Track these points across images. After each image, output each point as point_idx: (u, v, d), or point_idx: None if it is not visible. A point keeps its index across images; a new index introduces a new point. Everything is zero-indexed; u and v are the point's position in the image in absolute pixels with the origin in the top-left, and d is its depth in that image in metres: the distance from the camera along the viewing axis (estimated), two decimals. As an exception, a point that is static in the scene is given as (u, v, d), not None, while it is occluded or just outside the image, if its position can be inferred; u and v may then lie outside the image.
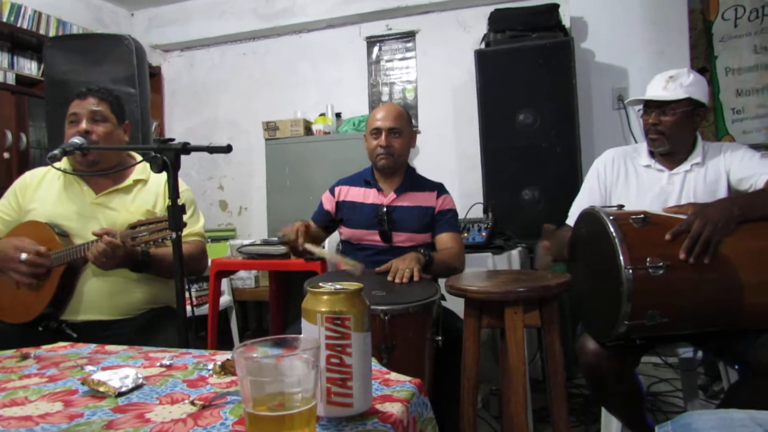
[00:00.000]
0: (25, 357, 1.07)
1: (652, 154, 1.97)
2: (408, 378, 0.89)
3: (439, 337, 1.72)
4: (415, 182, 2.23)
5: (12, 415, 0.75)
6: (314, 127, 3.90)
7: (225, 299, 3.54)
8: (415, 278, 1.79)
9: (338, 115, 4.04)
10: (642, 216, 1.53)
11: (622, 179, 1.99)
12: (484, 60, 3.31)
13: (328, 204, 2.27)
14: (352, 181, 2.28)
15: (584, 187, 2.08)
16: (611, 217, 1.53)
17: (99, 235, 1.62)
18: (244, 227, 4.44)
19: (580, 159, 3.11)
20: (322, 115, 3.98)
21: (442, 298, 1.91)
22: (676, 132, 1.86)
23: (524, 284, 1.65)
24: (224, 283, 3.55)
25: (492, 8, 3.47)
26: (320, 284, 0.77)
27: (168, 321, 1.84)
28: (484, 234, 2.86)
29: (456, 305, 2.00)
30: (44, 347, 1.15)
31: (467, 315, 1.70)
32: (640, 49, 3.37)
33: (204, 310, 3.14)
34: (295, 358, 0.63)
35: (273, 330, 3.54)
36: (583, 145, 3.18)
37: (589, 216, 1.67)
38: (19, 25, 3.49)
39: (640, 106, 1.95)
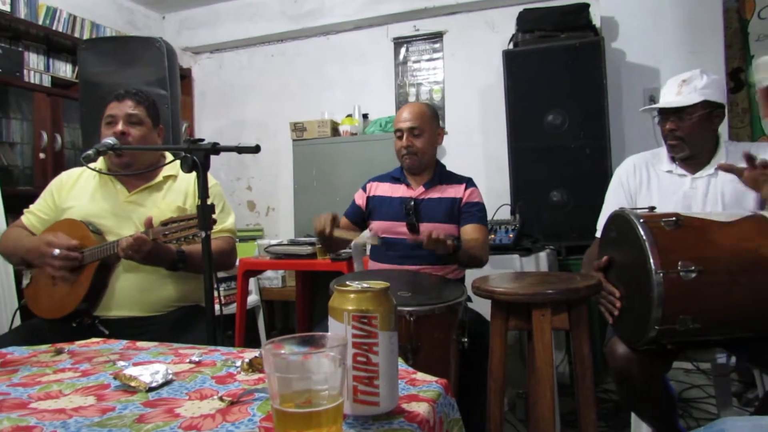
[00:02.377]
0: (59, 352, 1.09)
1: (673, 159, 1.93)
2: (434, 378, 0.89)
3: (465, 339, 1.71)
4: (444, 177, 2.25)
5: (46, 408, 0.77)
6: (341, 128, 3.92)
7: (252, 298, 3.58)
8: (448, 243, 1.80)
9: (365, 116, 4.05)
10: (674, 219, 1.49)
11: (644, 186, 1.96)
12: (512, 60, 3.28)
13: (360, 199, 2.30)
14: (382, 178, 2.33)
15: (609, 197, 2.05)
16: (641, 220, 1.50)
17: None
18: (271, 227, 4.49)
19: (611, 160, 3.06)
20: (349, 116, 3.99)
21: (468, 299, 1.90)
22: (695, 136, 1.82)
23: (552, 286, 1.62)
24: (252, 282, 3.59)
25: (520, 8, 3.44)
26: (347, 283, 0.77)
27: (197, 319, 1.86)
28: (511, 235, 2.84)
29: (482, 307, 1.99)
30: (78, 343, 1.18)
31: (494, 316, 1.69)
32: (672, 48, 3.30)
33: (232, 309, 3.18)
34: (323, 355, 0.63)
35: (299, 329, 3.56)
36: (614, 147, 3.13)
37: (619, 218, 1.64)
38: (54, 28, 3.59)
39: (656, 114, 1.92)
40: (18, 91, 3.31)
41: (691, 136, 1.82)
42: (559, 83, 3.17)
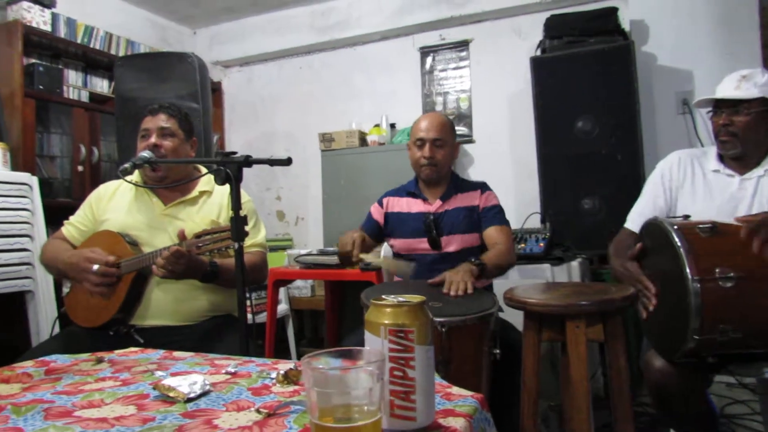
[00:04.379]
0: (99, 361, 1.12)
1: (721, 158, 1.87)
2: (470, 392, 0.88)
3: (497, 350, 1.69)
4: (459, 186, 2.23)
5: (90, 416, 0.79)
6: (369, 138, 3.94)
7: (282, 308, 3.61)
8: (469, 291, 1.77)
9: (392, 126, 4.06)
10: (710, 225, 1.46)
11: (688, 184, 1.88)
12: (540, 67, 3.26)
13: (377, 214, 2.29)
14: (397, 192, 2.31)
15: (646, 190, 1.98)
16: (675, 227, 1.47)
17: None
18: (300, 237, 4.52)
19: (643, 166, 3.00)
20: (377, 125, 4.01)
21: (500, 309, 1.88)
22: (749, 133, 1.76)
23: (586, 297, 1.60)
24: (281, 291, 3.62)
25: (547, 14, 3.42)
26: (383, 297, 0.77)
27: (229, 328, 1.89)
28: (542, 244, 2.81)
29: (513, 317, 1.96)
30: (117, 352, 1.21)
31: (526, 328, 1.67)
32: (706, 50, 3.23)
33: (262, 318, 3.21)
34: (361, 370, 0.63)
35: (328, 339, 3.57)
36: (646, 152, 3.07)
37: (653, 227, 1.61)
38: (92, 46, 3.70)
39: (709, 108, 1.86)
40: (58, 106, 3.42)
41: (745, 133, 1.75)
42: (589, 89, 3.13)
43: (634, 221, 1.91)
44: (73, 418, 0.78)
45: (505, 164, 3.86)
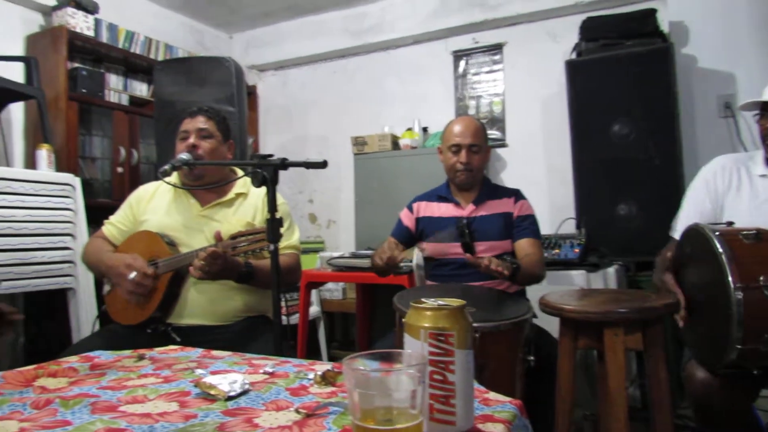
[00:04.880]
0: (141, 358, 1.15)
1: None
2: (508, 398, 0.87)
3: (532, 357, 1.67)
4: (491, 191, 2.22)
5: (134, 411, 0.81)
6: (401, 142, 3.94)
7: (313, 310, 3.63)
8: (506, 273, 1.76)
9: (425, 130, 4.06)
10: (754, 232, 1.41)
11: (733, 189, 1.81)
12: (575, 70, 3.21)
13: (407, 220, 2.28)
14: (428, 197, 2.30)
15: (690, 196, 1.91)
16: (717, 233, 1.43)
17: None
18: (332, 240, 4.55)
19: (683, 171, 2.93)
20: (409, 129, 4.01)
21: (533, 315, 1.86)
22: None
23: (625, 304, 1.56)
24: (313, 293, 3.64)
25: (583, 17, 3.37)
26: (423, 300, 0.77)
27: (263, 329, 1.91)
28: (577, 250, 2.76)
29: (548, 323, 1.94)
30: (157, 349, 1.23)
31: (563, 335, 1.64)
32: (749, 51, 3.13)
33: (294, 319, 3.24)
34: (403, 373, 0.63)
35: (359, 341, 3.58)
36: (686, 157, 3.00)
37: (694, 233, 1.57)
38: (132, 50, 3.80)
39: (756, 111, 1.80)
40: (99, 109, 3.52)
41: None
42: (626, 92, 3.07)
43: (679, 231, 1.86)
44: (119, 412, 0.80)
45: (539, 168, 3.81)
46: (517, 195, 2.19)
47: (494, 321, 1.56)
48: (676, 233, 1.85)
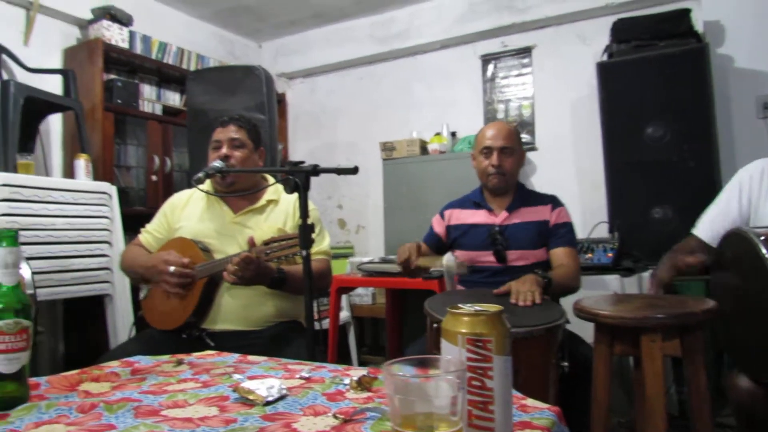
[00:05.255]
0: (179, 363, 1.17)
1: None
2: (545, 405, 0.86)
3: (565, 363, 1.65)
4: (526, 198, 2.17)
5: (176, 416, 0.82)
6: (430, 147, 3.94)
7: (344, 315, 3.65)
8: (537, 301, 1.74)
9: (453, 134, 4.05)
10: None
11: None
12: (606, 72, 3.17)
13: (439, 227, 2.27)
14: (461, 203, 2.27)
15: (721, 197, 1.86)
16: (762, 237, 1.39)
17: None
18: (361, 245, 4.57)
19: (719, 173, 2.86)
20: (438, 134, 4.01)
21: (566, 321, 1.84)
22: None
23: (663, 310, 1.53)
24: (343, 299, 3.66)
25: (613, 18, 3.33)
26: (460, 305, 0.76)
27: (295, 334, 1.93)
28: (610, 255, 2.72)
29: (581, 329, 1.91)
30: (194, 354, 1.25)
31: (598, 341, 1.61)
32: (788, 51, 3.05)
33: (324, 324, 3.26)
34: (442, 379, 0.63)
35: (389, 347, 3.58)
36: (723, 159, 2.92)
37: (735, 237, 1.53)
38: (165, 61, 3.89)
39: None
40: (134, 119, 3.61)
41: None
42: (660, 94, 3.01)
43: (703, 229, 1.82)
44: (161, 417, 0.81)
45: (570, 172, 3.77)
46: (554, 202, 2.15)
47: (527, 326, 1.54)
48: (698, 230, 1.81)
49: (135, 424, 0.78)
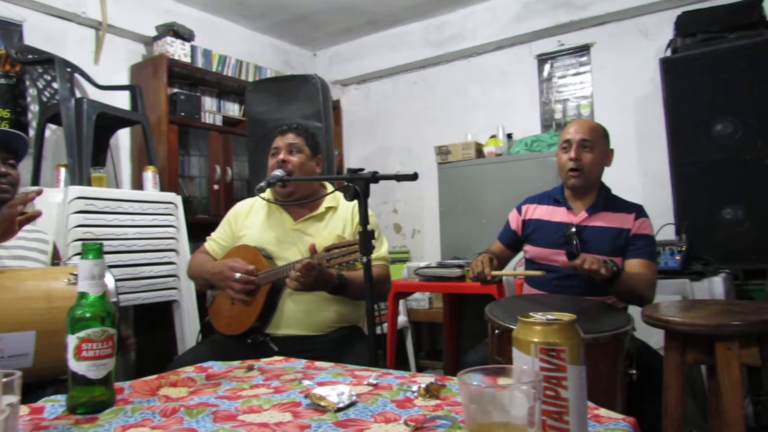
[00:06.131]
0: (250, 368, 1.20)
1: None
2: (620, 416, 0.84)
3: (633, 371, 1.59)
4: (609, 202, 2.07)
5: (252, 420, 0.85)
6: (486, 150, 3.90)
7: (401, 319, 3.66)
8: (603, 272, 1.69)
9: (509, 136, 3.99)
10: None
11: None
12: (670, 68, 3.06)
13: (514, 222, 2.22)
14: (539, 199, 2.20)
15: None
16: None
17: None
18: (417, 249, 4.57)
19: (797, 171, 2.70)
20: (494, 136, 3.96)
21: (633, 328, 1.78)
22: None
23: (739, 317, 1.46)
24: (400, 303, 3.67)
25: (677, 12, 3.21)
26: (531, 314, 0.76)
27: (355, 339, 1.95)
28: (678, 258, 2.61)
29: (647, 336, 1.84)
30: (263, 360, 1.29)
31: (669, 348, 1.56)
32: None
33: (383, 329, 3.27)
34: (517, 389, 0.62)
35: (447, 352, 3.56)
36: (800, 156, 2.76)
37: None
38: (225, 73, 4.02)
39: None
40: (196, 131, 3.75)
41: None
42: (730, 89, 2.88)
43: None
44: (238, 422, 0.84)
45: (632, 172, 3.64)
46: (638, 212, 2.04)
47: (593, 333, 1.50)
48: None
49: (214, 429, 0.81)
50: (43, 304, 1.42)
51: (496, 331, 1.60)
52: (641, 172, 3.62)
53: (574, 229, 1.99)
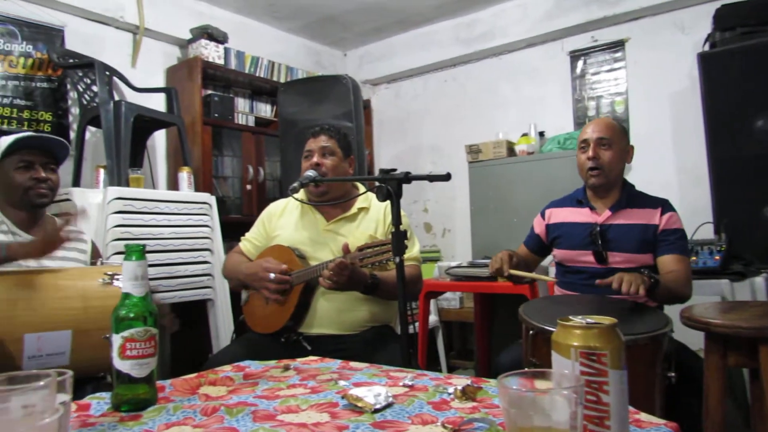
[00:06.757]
0: (286, 368, 1.22)
1: None
2: (662, 421, 0.82)
3: (672, 374, 1.56)
4: (633, 199, 2.04)
5: (291, 420, 0.86)
6: (517, 148, 3.86)
7: (432, 319, 3.65)
8: (641, 293, 1.63)
9: (541, 134, 3.95)
10: None
11: None
12: (709, 63, 2.98)
13: (538, 227, 2.21)
14: (562, 202, 2.20)
15: None
16: None
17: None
18: (447, 249, 4.56)
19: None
20: (525, 135, 3.92)
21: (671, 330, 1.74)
22: None
23: (784, 319, 1.42)
24: (431, 303, 3.67)
25: (716, 5, 3.12)
26: (570, 317, 0.75)
27: (387, 338, 1.96)
28: (717, 258, 2.55)
29: (685, 338, 1.80)
30: (299, 360, 1.31)
31: (709, 351, 1.52)
32: None
33: (414, 329, 3.27)
34: (558, 394, 0.62)
35: (478, 352, 3.54)
36: None
37: None
38: (257, 74, 4.07)
39: None
40: (230, 131, 3.81)
41: None
42: (771, 84, 2.79)
43: None
44: (277, 421, 0.86)
45: (668, 169, 3.56)
46: (664, 206, 2.01)
47: (631, 335, 1.47)
48: None
49: (255, 428, 0.83)
50: (78, 303, 1.46)
51: (531, 332, 1.59)
52: (677, 169, 3.54)
53: (598, 228, 1.97)
